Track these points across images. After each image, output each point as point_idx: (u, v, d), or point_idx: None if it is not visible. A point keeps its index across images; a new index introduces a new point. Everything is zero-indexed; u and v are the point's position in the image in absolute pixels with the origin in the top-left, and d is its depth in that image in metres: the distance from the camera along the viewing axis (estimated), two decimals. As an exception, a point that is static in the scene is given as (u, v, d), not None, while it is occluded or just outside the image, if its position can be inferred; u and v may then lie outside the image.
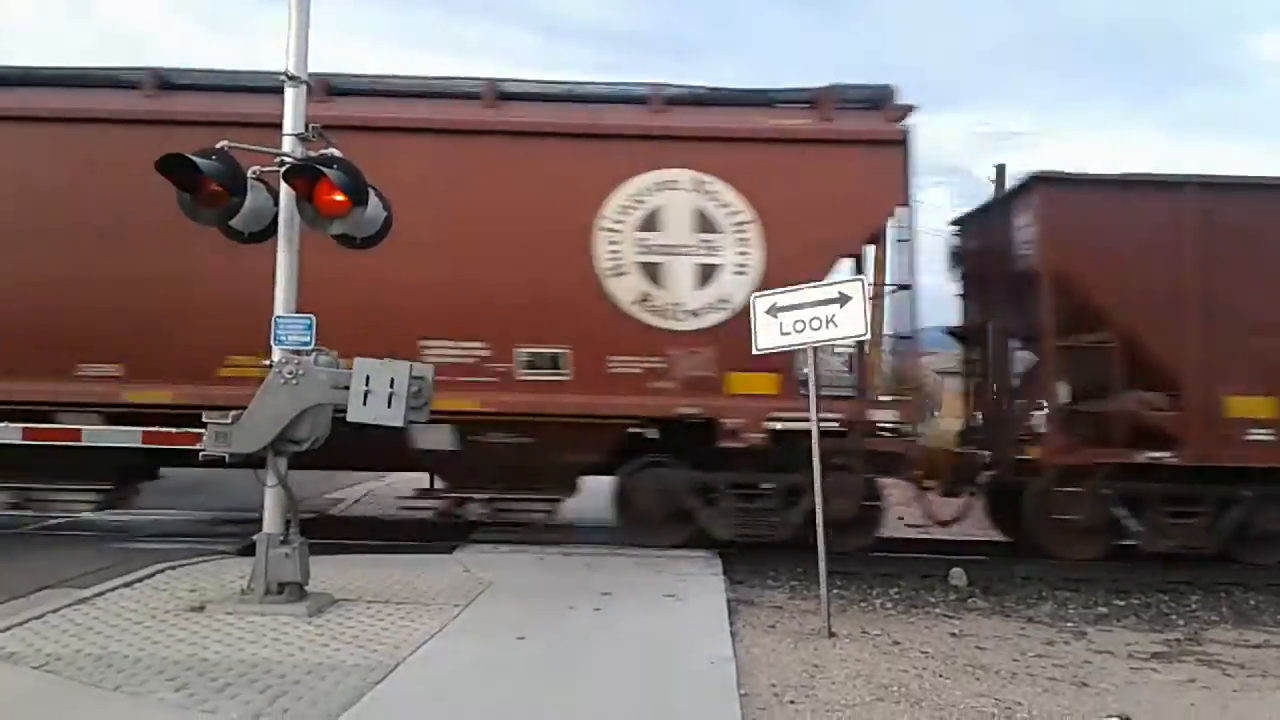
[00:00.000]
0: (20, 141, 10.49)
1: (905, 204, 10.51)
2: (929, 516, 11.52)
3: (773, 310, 8.16)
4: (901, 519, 14.45)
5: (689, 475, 10.71)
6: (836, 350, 12.85)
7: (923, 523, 11.98)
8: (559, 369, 10.34)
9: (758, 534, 10.70)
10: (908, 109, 10.68)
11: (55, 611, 7.16)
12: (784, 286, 8.35)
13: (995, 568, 10.78)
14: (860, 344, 10.75)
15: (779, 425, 10.19)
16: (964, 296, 13.03)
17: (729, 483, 10.68)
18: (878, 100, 10.76)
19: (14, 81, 10.80)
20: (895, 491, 11.66)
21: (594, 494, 11.34)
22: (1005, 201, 12.12)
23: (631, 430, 10.54)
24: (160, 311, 10.16)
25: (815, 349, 8.23)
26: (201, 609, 7.29)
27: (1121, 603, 9.79)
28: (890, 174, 10.44)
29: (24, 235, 10.31)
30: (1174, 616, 9.40)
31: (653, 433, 10.57)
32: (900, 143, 10.50)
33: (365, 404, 7.17)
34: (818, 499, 7.93)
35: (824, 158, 10.43)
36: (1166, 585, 10.34)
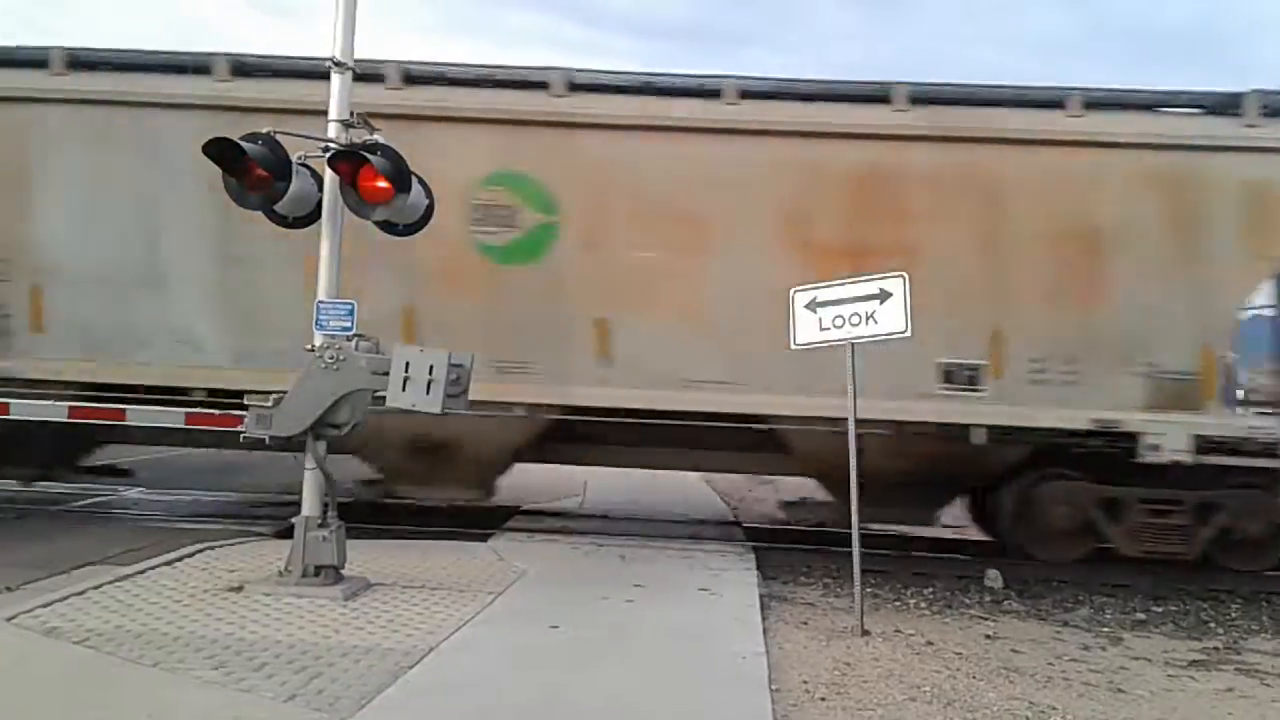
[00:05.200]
0: None
1: None
2: None
3: (812, 305, 8.08)
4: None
5: None
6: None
7: (958, 523, 11.88)
8: None
9: None
10: None
11: (96, 588, 7.27)
12: None
13: (1031, 570, 10.66)
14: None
15: None
16: None
17: None
18: None
19: None
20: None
21: (619, 485, 11.34)
22: None
23: None
24: None
25: (854, 345, 8.16)
26: (240, 589, 7.38)
27: (1160, 609, 9.64)
28: None
29: None
30: (1213, 624, 9.25)
31: None
32: None
33: (404, 390, 7.22)
34: (853, 492, 7.89)
35: None
36: (1206, 593, 10.17)
